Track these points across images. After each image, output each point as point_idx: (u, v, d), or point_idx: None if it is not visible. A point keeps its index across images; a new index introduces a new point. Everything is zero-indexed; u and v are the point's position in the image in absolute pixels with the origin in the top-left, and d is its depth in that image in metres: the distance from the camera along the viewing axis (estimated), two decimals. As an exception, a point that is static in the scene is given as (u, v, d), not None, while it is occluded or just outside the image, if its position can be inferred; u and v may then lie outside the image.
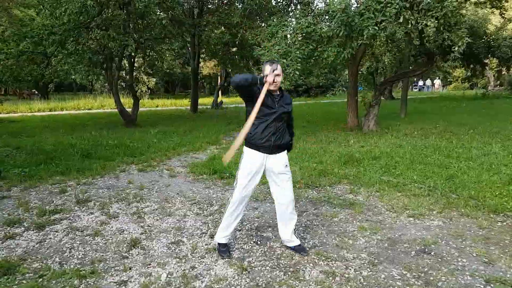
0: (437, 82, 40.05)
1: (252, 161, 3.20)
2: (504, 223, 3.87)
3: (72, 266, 3.09)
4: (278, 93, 3.19)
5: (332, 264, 3.11)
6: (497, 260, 3.11)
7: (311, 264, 3.11)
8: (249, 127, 3.00)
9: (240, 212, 3.31)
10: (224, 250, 3.30)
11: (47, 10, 10.42)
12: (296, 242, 3.37)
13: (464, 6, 9.88)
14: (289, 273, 2.98)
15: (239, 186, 3.23)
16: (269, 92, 3.09)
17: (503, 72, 29.89)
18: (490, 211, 4.17)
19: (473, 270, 2.98)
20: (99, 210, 4.40)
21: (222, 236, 3.34)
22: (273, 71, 3.02)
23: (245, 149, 3.26)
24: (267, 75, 3.00)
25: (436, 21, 7.30)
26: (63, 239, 3.63)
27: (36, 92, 29.28)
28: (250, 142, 3.20)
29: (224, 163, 3.11)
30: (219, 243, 3.36)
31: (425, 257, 3.20)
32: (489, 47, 19.94)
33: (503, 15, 11.64)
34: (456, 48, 8.12)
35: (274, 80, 3.03)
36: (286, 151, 3.32)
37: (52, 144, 8.52)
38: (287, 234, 3.35)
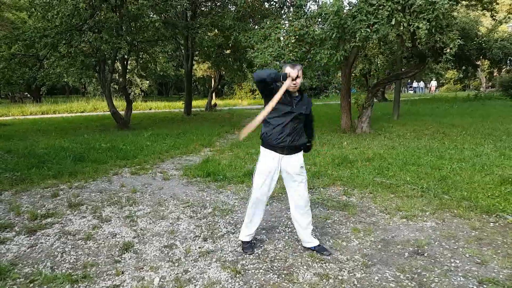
0: (433, 83, 39.86)
1: (268, 161, 3.22)
2: (497, 224, 3.89)
3: (63, 271, 3.06)
4: (297, 94, 3.21)
5: (326, 266, 3.11)
6: (489, 261, 3.12)
7: (304, 267, 3.11)
8: (264, 115, 2.99)
9: (260, 211, 3.36)
10: (247, 247, 3.39)
11: (39, 13, 10.34)
12: (315, 242, 3.37)
13: (456, 8, 9.95)
14: (283, 275, 2.97)
15: (255, 186, 3.28)
16: (288, 92, 3.13)
17: (494, 74, 30.21)
18: (482, 211, 4.19)
19: (466, 271, 2.99)
20: (91, 214, 4.37)
21: (245, 234, 3.42)
22: (297, 72, 3.06)
23: (262, 149, 3.29)
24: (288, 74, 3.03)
25: (428, 23, 7.35)
26: (54, 243, 3.59)
27: (29, 95, 29.06)
28: (266, 142, 3.23)
29: (240, 138, 3.17)
30: (242, 241, 3.44)
31: (418, 258, 3.20)
32: (481, 49, 20.12)
33: (494, 17, 11.74)
34: (448, 50, 8.18)
35: (295, 81, 3.06)
36: (302, 152, 3.33)
37: (44, 147, 8.46)
38: (306, 235, 3.35)
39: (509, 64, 22.66)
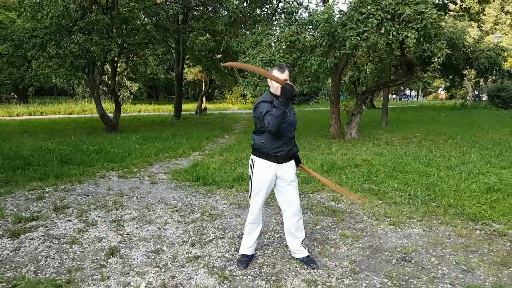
0: (442, 92, 40.84)
1: (264, 172, 3.08)
2: (483, 231, 3.94)
3: (47, 275, 3.00)
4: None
5: (314, 272, 3.10)
6: (476, 268, 3.15)
7: (293, 273, 3.09)
8: (260, 71, 3.13)
9: (259, 222, 3.25)
10: (243, 260, 3.23)
11: (28, 13, 10.22)
12: (304, 253, 3.26)
13: (444, 19, 10.11)
14: (271, 282, 2.95)
15: (254, 199, 3.16)
16: (277, 98, 2.97)
17: (481, 83, 30.74)
18: (469, 219, 4.24)
19: (452, 278, 3.01)
20: (77, 218, 4.30)
21: (245, 247, 3.27)
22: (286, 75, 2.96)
23: (255, 159, 3.11)
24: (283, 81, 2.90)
25: (416, 33, 7.45)
26: (39, 247, 3.52)
27: (15, 96, 28.65)
28: (261, 152, 3.07)
29: (225, 64, 3.11)
30: (241, 254, 3.29)
31: (405, 265, 3.22)
32: (468, 59, 20.47)
33: (480, 28, 11.97)
34: (436, 59, 8.31)
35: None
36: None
37: (30, 149, 8.32)
38: (296, 244, 3.25)
39: (495, 74, 23.09)
